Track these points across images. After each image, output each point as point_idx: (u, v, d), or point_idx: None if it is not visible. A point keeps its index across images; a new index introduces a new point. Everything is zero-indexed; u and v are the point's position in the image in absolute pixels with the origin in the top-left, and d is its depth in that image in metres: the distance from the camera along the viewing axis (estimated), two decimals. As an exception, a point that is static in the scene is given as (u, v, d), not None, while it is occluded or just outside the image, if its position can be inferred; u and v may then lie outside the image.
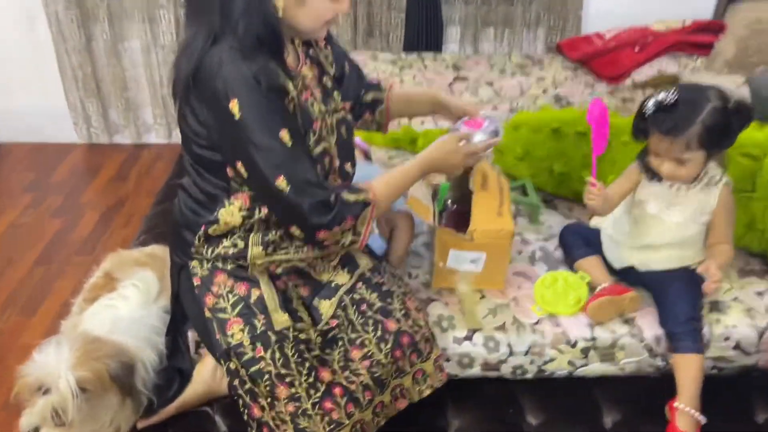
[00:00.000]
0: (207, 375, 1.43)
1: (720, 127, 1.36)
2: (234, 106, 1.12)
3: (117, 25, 3.02)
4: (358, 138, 1.89)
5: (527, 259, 1.69)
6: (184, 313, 1.43)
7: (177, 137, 3.30)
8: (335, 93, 1.40)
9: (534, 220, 1.81)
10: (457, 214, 1.65)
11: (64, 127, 3.23)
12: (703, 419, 1.41)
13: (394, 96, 1.59)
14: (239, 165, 1.19)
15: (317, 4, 1.18)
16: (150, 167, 3.15)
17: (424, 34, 3.00)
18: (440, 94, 1.59)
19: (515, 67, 2.81)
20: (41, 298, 2.31)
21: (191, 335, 1.47)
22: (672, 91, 1.37)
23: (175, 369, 1.46)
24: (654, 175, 1.50)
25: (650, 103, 1.39)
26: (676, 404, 1.42)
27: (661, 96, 1.37)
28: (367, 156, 2.01)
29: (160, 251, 1.60)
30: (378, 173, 1.84)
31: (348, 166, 1.41)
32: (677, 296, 1.48)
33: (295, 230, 1.22)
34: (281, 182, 1.15)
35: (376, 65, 2.78)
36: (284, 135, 1.16)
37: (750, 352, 1.52)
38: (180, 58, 1.20)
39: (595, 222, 1.69)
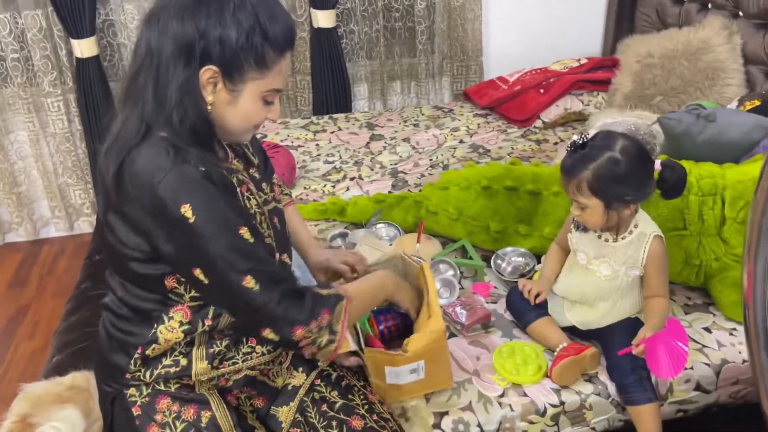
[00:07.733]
0: None
1: (612, 177, 1.33)
2: (187, 210, 1.05)
3: (-1, 117, 2.80)
4: None
5: (480, 326, 1.63)
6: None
7: (79, 228, 3.06)
8: (263, 184, 1.31)
9: (479, 280, 1.77)
10: None
11: (-53, 234, 2.94)
12: None
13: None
14: (197, 272, 1.09)
15: (248, 105, 1.13)
16: (52, 265, 2.89)
17: (332, 95, 2.97)
18: (311, 251, 1.51)
19: (428, 120, 2.82)
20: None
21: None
22: (584, 134, 1.39)
23: None
24: (579, 224, 1.49)
25: (569, 143, 1.40)
26: None
27: (575, 138, 1.40)
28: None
29: (82, 380, 1.42)
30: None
31: (285, 258, 1.31)
32: (620, 348, 1.42)
33: (269, 333, 1.12)
34: (249, 282, 1.08)
35: (289, 132, 2.70)
36: (245, 232, 1.09)
37: (710, 390, 1.53)
38: (108, 154, 1.11)
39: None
